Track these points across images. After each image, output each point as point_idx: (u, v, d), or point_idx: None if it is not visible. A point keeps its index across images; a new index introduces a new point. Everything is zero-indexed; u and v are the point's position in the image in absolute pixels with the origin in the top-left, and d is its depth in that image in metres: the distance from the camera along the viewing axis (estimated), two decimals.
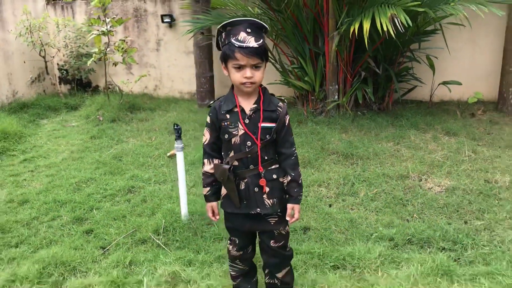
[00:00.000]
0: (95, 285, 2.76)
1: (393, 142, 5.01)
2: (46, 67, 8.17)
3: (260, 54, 2.06)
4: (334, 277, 2.72)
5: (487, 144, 4.89)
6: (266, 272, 2.48)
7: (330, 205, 3.72)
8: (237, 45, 2.03)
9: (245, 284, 2.51)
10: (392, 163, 4.43)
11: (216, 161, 2.26)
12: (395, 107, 6.40)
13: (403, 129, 5.38)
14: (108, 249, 3.21)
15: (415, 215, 3.50)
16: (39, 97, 7.78)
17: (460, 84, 6.27)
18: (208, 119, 2.24)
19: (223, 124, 2.18)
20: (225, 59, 2.11)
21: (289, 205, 2.24)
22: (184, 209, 3.51)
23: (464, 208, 3.55)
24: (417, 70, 6.46)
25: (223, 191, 2.28)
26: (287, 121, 2.23)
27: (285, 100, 2.33)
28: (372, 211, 3.60)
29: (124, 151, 5.21)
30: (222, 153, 2.27)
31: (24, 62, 7.74)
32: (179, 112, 6.81)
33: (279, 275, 2.42)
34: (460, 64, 6.60)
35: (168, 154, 5.01)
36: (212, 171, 2.26)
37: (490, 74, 6.57)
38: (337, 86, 6.05)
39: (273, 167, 2.23)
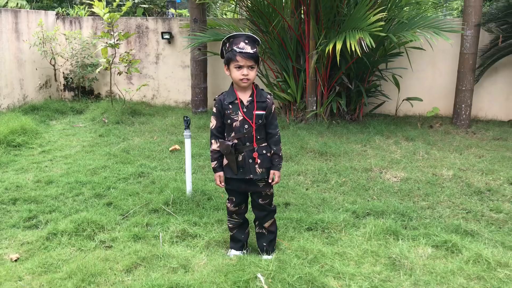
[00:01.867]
0: (121, 238, 3.46)
1: (361, 144, 5.89)
2: (55, 75, 8.95)
3: (254, 58, 2.88)
4: (308, 235, 3.50)
5: (439, 148, 5.80)
6: (256, 223, 3.25)
7: (306, 189, 4.52)
8: (238, 51, 2.85)
9: (240, 234, 3.24)
10: (359, 160, 5.29)
11: (220, 140, 3.01)
12: (365, 118, 7.30)
13: (370, 135, 6.27)
14: (127, 216, 3.91)
15: (374, 197, 4.31)
16: (46, 101, 8.54)
17: (421, 100, 7.30)
18: (214, 109, 3.02)
19: (226, 112, 2.95)
20: (228, 61, 2.91)
21: (271, 171, 3.03)
22: (189, 187, 4.22)
23: (413, 193, 4.38)
24: (385, 87, 7.44)
25: (225, 161, 3.02)
26: (273, 109, 3.04)
27: (271, 93, 3.25)
28: (340, 194, 4.41)
29: (130, 146, 5.93)
30: (225, 134, 3.02)
31: (36, 69, 8.52)
32: (176, 117, 7.57)
33: (266, 225, 3.20)
34: (422, 83, 7.63)
35: (171, 149, 5.78)
36: (218, 148, 3.01)
37: (447, 92, 7.51)
38: (315, 98, 6.98)
39: (263, 144, 3.02)
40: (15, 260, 3.19)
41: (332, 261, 3.02)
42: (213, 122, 3.04)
